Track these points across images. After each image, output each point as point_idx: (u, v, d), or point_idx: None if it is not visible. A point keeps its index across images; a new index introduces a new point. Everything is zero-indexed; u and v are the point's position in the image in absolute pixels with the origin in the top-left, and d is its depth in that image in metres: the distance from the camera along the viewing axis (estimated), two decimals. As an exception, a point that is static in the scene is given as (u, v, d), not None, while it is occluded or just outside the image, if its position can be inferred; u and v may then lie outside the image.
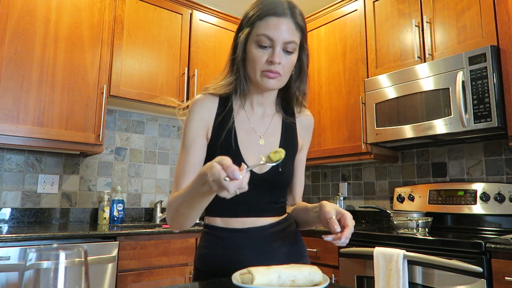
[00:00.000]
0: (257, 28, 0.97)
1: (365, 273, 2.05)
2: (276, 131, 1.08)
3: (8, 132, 2.10)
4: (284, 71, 0.98)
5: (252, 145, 1.03)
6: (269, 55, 0.96)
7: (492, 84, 1.96)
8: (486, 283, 1.62)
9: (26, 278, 0.46)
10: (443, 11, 2.27)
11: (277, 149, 0.83)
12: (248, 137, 1.04)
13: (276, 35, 0.95)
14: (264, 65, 0.96)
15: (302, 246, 1.12)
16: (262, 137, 1.05)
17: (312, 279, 0.77)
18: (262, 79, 0.98)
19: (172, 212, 0.95)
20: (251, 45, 0.98)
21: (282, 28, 0.95)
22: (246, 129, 1.05)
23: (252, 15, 0.99)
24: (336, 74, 2.85)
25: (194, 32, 2.91)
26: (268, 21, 0.96)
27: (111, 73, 2.50)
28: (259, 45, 0.97)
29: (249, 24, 0.99)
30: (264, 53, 0.96)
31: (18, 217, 2.40)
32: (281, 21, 0.95)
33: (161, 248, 2.25)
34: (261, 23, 0.96)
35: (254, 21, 0.98)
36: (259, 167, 0.99)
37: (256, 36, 0.97)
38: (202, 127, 1.02)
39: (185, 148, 1.01)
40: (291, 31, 0.97)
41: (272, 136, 1.07)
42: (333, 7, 2.93)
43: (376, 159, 2.62)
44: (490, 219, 2.19)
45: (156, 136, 3.06)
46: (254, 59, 0.97)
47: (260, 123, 1.07)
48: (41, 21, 2.26)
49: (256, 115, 1.07)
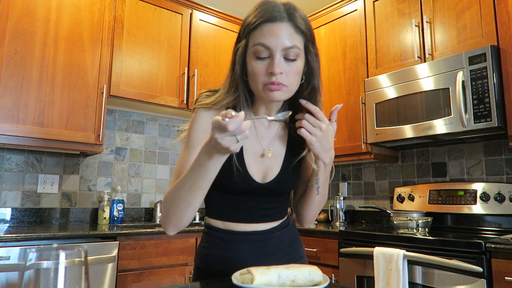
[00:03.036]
0: (253, 38, 0.89)
1: (365, 273, 2.05)
2: (282, 140, 1.04)
3: (8, 132, 2.10)
4: (289, 81, 0.89)
5: (257, 156, 0.98)
6: (268, 66, 0.87)
7: (492, 84, 1.96)
8: (486, 283, 1.62)
9: (26, 278, 0.46)
10: (443, 11, 2.27)
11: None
12: (254, 148, 0.99)
13: (273, 43, 0.86)
14: (265, 78, 0.88)
15: (300, 247, 1.12)
16: (268, 147, 1.00)
17: (312, 279, 0.77)
18: (265, 93, 0.89)
19: (169, 203, 0.88)
20: (250, 58, 0.90)
21: (279, 34, 0.86)
22: (252, 139, 1.00)
23: (248, 24, 0.91)
24: (336, 74, 2.85)
25: (194, 32, 2.91)
26: (263, 29, 0.87)
27: (111, 73, 2.50)
28: (256, 57, 0.88)
29: (245, 35, 0.91)
30: (263, 65, 0.88)
31: (18, 217, 2.40)
32: (277, 27, 0.87)
33: (161, 248, 2.25)
34: (256, 32, 0.88)
35: (250, 31, 0.90)
36: (264, 174, 0.99)
37: (252, 47, 0.89)
38: (205, 136, 0.96)
39: (189, 147, 0.96)
40: (290, 36, 0.87)
41: (278, 146, 1.02)
42: (333, 7, 2.93)
43: (376, 159, 2.62)
44: (490, 219, 2.19)
45: (156, 136, 3.06)
46: (254, 73, 0.89)
47: (267, 132, 1.02)
48: (41, 21, 2.26)
49: (262, 124, 1.02)
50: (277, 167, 1.00)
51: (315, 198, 1.04)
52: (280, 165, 1.00)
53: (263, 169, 0.99)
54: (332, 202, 2.99)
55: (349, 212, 3.02)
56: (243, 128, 0.71)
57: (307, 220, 1.10)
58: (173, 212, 0.88)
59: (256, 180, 0.97)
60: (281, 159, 1.01)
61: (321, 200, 1.06)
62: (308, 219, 1.10)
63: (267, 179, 0.98)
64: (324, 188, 1.03)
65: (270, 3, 0.90)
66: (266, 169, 0.99)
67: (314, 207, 1.07)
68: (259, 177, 0.98)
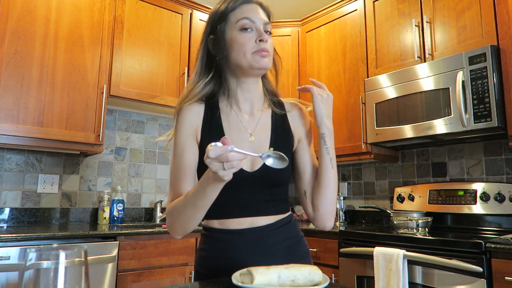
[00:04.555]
0: (235, 16, 1.00)
1: (365, 273, 2.05)
2: (266, 127, 1.05)
3: (8, 132, 2.10)
4: (271, 50, 1.01)
5: (241, 143, 1.01)
6: (256, 36, 0.98)
7: (492, 84, 1.96)
8: (486, 283, 1.62)
9: (26, 278, 0.46)
10: (443, 11, 2.27)
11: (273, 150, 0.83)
12: (238, 135, 1.02)
13: (257, 17, 0.99)
14: (254, 46, 0.98)
15: (303, 247, 1.09)
16: (252, 134, 1.03)
17: (312, 279, 0.77)
18: (255, 59, 0.98)
19: (174, 216, 0.96)
20: (234, 33, 0.99)
21: (258, 11, 1.01)
22: (235, 127, 1.03)
23: (224, 8, 1.02)
24: (336, 74, 2.85)
25: (194, 32, 2.91)
26: (243, 8, 1.00)
27: (111, 73, 2.50)
28: (242, 29, 0.98)
29: (223, 18, 1.01)
30: (250, 35, 0.98)
31: (18, 217, 2.40)
32: (254, 6, 1.01)
33: (161, 248, 2.25)
34: (237, 11, 1.00)
35: (228, 12, 1.01)
36: (251, 161, 0.99)
37: (236, 22, 0.99)
38: (191, 132, 1.02)
39: (176, 155, 1.01)
40: (264, 15, 1.02)
41: (262, 133, 1.04)
42: (333, 7, 2.93)
43: (376, 159, 2.62)
44: (490, 219, 2.19)
45: (156, 136, 3.06)
46: (241, 43, 0.98)
47: (249, 119, 1.05)
48: (41, 21, 2.27)
49: (244, 112, 1.06)
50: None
51: (331, 175, 1.03)
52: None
53: (250, 158, 0.99)
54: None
55: (349, 212, 3.02)
56: (229, 158, 0.74)
57: (329, 211, 1.04)
58: (179, 223, 0.96)
59: (244, 169, 0.97)
60: (267, 144, 1.03)
61: (336, 179, 1.05)
62: (329, 210, 1.04)
63: (255, 168, 0.99)
64: (334, 163, 1.04)
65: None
66: (253, 157, 0.99)
67: (331, 190, 1.03)
68: (247, 166, 0.99)
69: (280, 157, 0.82)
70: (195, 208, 0.90)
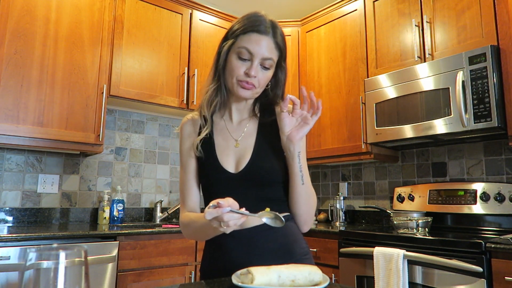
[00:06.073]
0: (240, 41, 1.04)
1: (365, 273, 2.05)
2: (252, 133, 1.12)
3: (8, 132, 2.10)
4: (259, 84, 1.06)
5: (227, 149, 1.10)
6: (247, 67, 1.03)
7: (492, 84, 1.96)
8: (486, 283, 1.62)
9: (26, 278, 0.46)
10: (443, 11, 2.27)
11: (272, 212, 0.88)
12: (225, 143, 1.11)
13: (256, 50, 1.02)
14: (241, 76, 1.04)
15: (301, 248, 1.08)
16: (238, 140, 1.11)
17: (312, 279, 0.77)
18: (237, 88, 1.05)
19: (189, 232, 1.09)
20: (232, 56, 1.05)
21: (262, 44, 1.03)
22: (223, 136, 1.13)
23: (237, 29, 1.06)
24: (336, 74, 2.85)
25: (194, 32, 2.91)
26: (250, 36, 1.03)
27: (111, 73, 2.50)
28: (239, 57, 1.04)
29: (233, 37, 1.06)
30: (242, 65, 1.04)
31: (18, 217, 2.40)
32: (262, 38, 1.03)
33: (161, 248, 2.25)
34: (244, 37, 1.04)
35: (238, 35, 1.05)
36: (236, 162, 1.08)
37: (237, 48, 1.04)
38: (190, 144, 1.13)
39: (182, 167, 1.14)
40: (270, 49, 1.04)
41: (248, 139, 1.11)
42: (333, 7, 2.93)
43: (376, 159, 2.62)
44: (490, 219, 2.19)
45: (156, 136, 3.07)
46: (232, 69, 1.05)
47: (237, 128, 1.14)
48: (41, 21, 2.26)
49: (234, 122, 1.15)
50: (248, 155, 1.07)
51: (302, 190, 1.07)
52: (251, 153, 1.08)
53: (235, 160, 1.08)
54: (332, 202, 2.99)
55: (349, 212, 3.02)
56: (224, 219, 0.81)
57: (302, 219, 1.11)
58: (194, 238, 1.16)
59: (229, 170, 1.06)
60: (251, 148, 1.09)
61: (308, 192, 1.08)
62: (302, 218, 1.11)
63: (239, 168, 1.06)
64: (306, 179, 1.07)
65: (260, 17, 1.06)
66: (238, 159, 1.08)
67: (303, 201, 1.08)
68: (232, 167, 1.07)
69: (275, 216, 0.87)
70: (206, 236, 1.04)
